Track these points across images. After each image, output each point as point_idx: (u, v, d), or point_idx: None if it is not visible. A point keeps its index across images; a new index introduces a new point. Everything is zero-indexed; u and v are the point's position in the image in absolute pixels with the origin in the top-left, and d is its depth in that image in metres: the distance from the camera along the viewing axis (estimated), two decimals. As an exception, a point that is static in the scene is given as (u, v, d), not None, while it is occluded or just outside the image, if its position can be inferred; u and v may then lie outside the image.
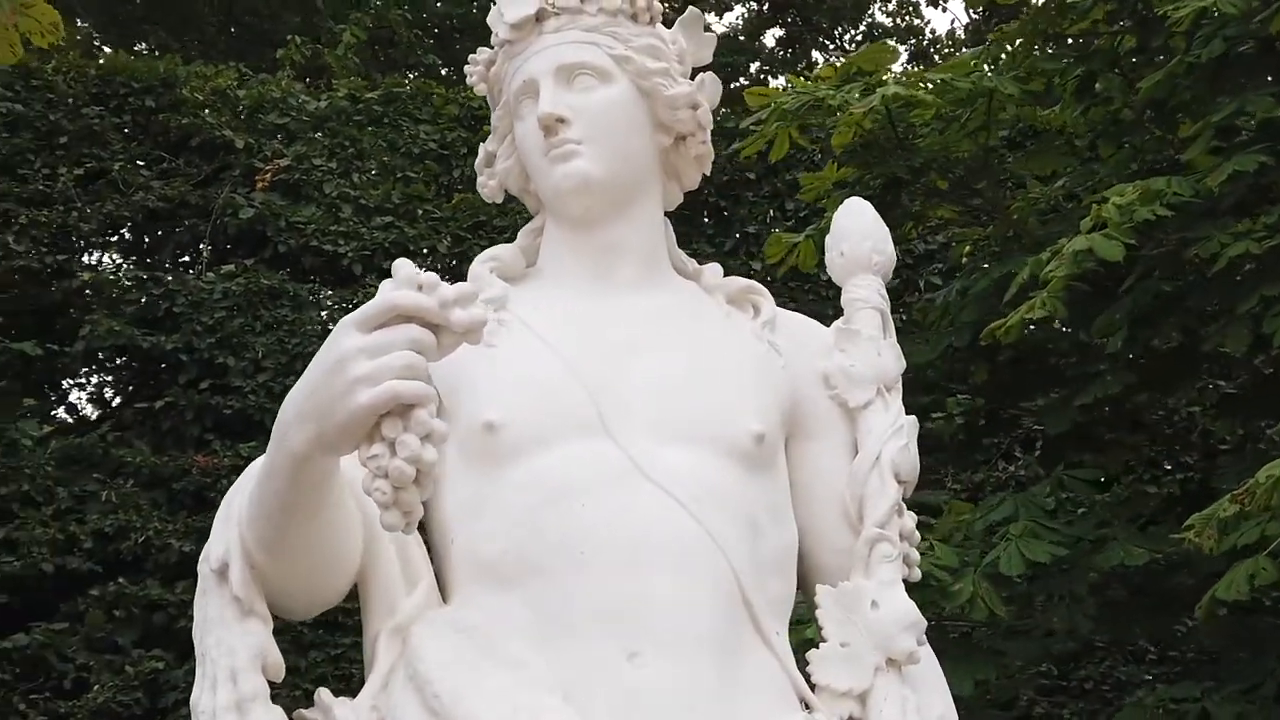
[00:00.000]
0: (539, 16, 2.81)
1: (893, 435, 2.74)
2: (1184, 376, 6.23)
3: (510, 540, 2.52)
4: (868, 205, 2.98)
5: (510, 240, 2.95)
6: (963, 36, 18.41)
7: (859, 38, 19.18)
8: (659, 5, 2.87)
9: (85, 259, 9.94)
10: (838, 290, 2.91)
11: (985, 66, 6.27)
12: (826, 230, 6.65)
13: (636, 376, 2.64)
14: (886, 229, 2.95)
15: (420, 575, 2.56)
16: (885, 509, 2.68)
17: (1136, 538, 5.27)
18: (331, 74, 12.18)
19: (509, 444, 2.56)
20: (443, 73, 14.71)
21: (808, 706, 2.54)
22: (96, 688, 8.54)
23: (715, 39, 2.98)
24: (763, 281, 3.01)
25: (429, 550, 2.65)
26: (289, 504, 2.30)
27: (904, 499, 2.74)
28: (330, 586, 2.50)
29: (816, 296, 10.46)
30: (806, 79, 6.20)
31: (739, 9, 19.32)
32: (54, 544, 8.88)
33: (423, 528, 2.68)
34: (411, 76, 13.32)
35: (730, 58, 17.05)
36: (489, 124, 2.95)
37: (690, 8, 2.97)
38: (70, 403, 10.29)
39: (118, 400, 10.19)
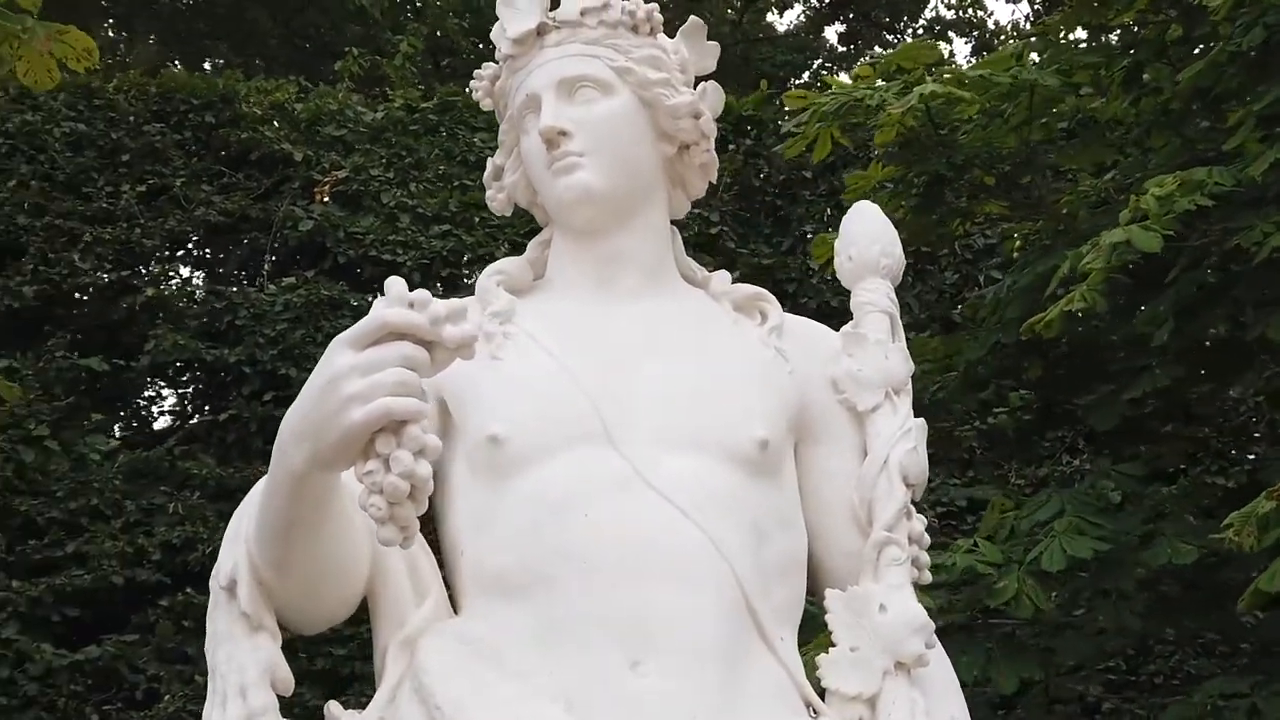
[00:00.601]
0: (540, 31, 2.84)
1: (900, 438, 2.75)
2: (1237, 367, 6.16)
3: (515, 551, 2.54)
4: (876, 209, 2.98)
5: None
6: (1028, 27, 18.26)
7: (920, 31, 19.09)
8: (659, 16, 2.89)
9: (149, 275, 10.06)
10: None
11: (1031, 59, 6.23)
12: (873, 229, 6.69)
13: (640, 384, 2.66)
14: (894, 232, 2.96)
15: (429, 587, 2.59)
16: (893, 512, 2.68)
17: (1186, 534, 5.21)
18: (390, 85, 12.29)
19: (513, 456, 2.59)
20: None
21: (814, 712, 2.55)
22: (167, 698, 8.67)
23: (718, 48, 3.00)
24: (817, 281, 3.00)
25: (440, 562, 2.68)
26: (291, 521, 2.34)
27: (913, 502, 2.74)
28: (338, 600, 2.54)
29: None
30: (846, 79, 6.20)
31: (799, 6, 19.29)
32: (123, 557, 9.02)
33: (434, 540, 2.72)
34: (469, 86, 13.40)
35: (790, 55, 17.04)
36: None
37: (692, 17, 2.99)
38: (137, 417, 10.43)
39: (184, 414, 10.34)
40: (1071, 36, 6.75)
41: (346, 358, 2.16)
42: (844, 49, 19.14)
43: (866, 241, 2.92)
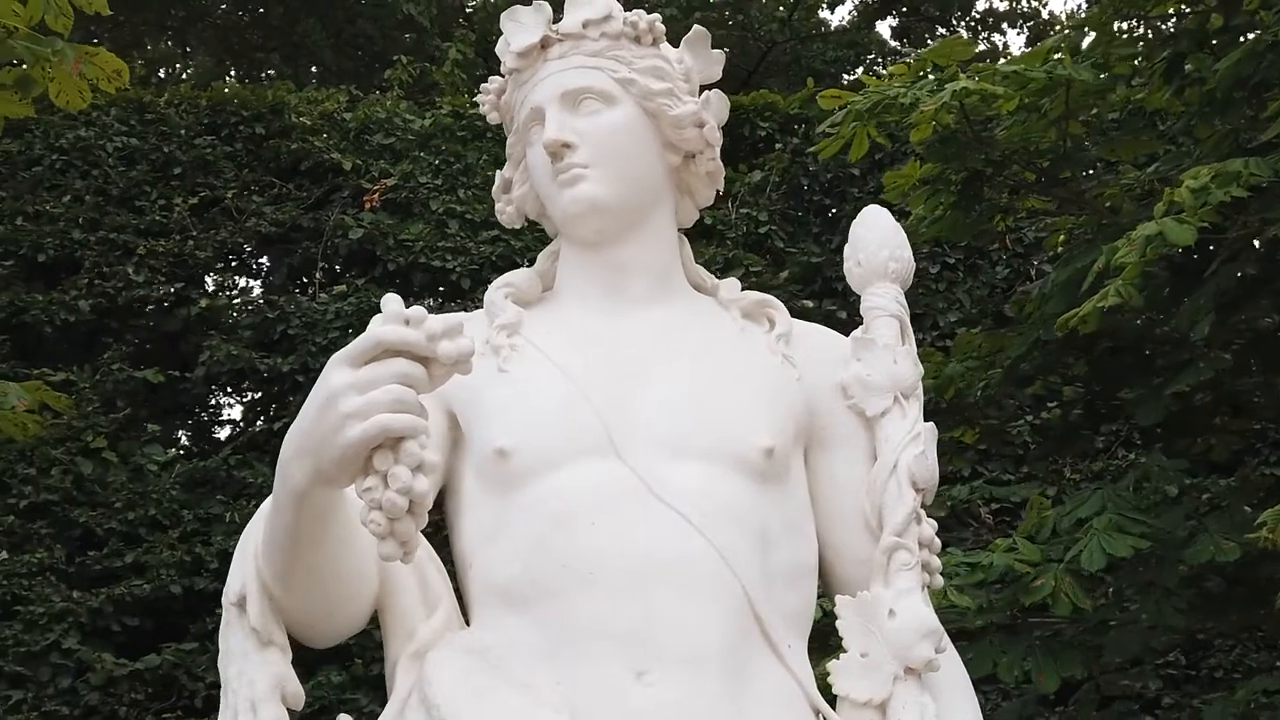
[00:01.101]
0: (544, 44, 2.85)
1: (910, 443, 2.74)
2: (1284, 358, 6.10)
3: (522, 563, 2.56)
4: (884, 213, 2.97)
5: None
6: (1084, 17, 18.08)
7: (974, 24, 18.97)
8: (661, 27, 2.90)
9: (202, 286, 10.18)
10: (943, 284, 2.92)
11: (1068, 53, 6.18)
12: (912, 227, 6.67)
13: (645, 394, 2.67)
14: (904, 237, 2.94)
15: (439, 599, 2.61)
16: (903, 517, 2.68)
17: (1231, 530, 5.16)
18: (440, 91, 12.35)
19: (519, 469, 2.60)
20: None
21: (821, 717, 2.55)
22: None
23: (723, 56, 3.00)
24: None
25: (453, 574, 2.70)
26: (296, 537, 2.36)
27: (923, 506, 2.73)
28: (348, 614, 2.56)
29: (926, 290, 10.42)
30: (879, 77, 6.18)
31: (850, 2, 19.23)
32: (181, 566, 9.14)
33: (448, 553, 2.75)
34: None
35: (841, 52, 16.99)
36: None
37: (696, 27, 2.99)
38: (193, 427, 10.55)
39: (239, 423, 10.45)
40: (1115, 28, 6.69)
41: (344, 375, 2.18)
42: (896, 44, 19.05)
43: (875, 246, 2.91)
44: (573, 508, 2.55)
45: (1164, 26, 6.83)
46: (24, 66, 4.52)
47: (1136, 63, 6.18)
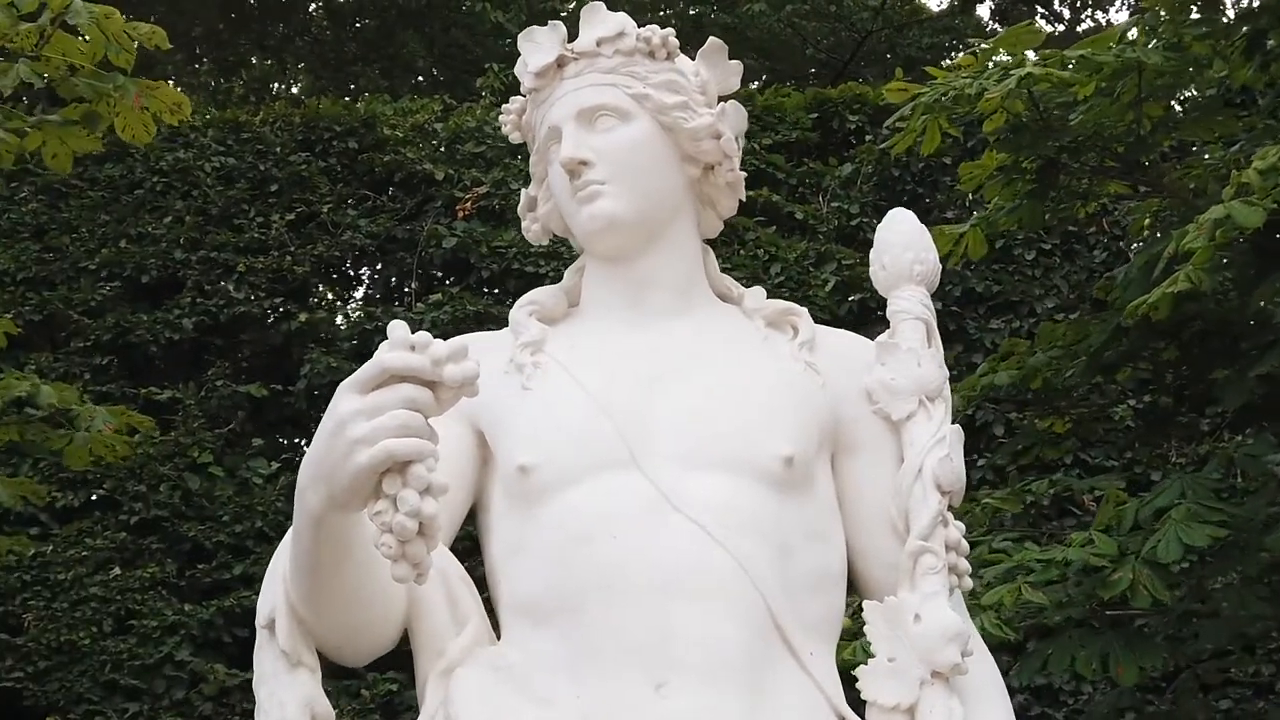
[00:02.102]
0: (560, 63, 2.88)
1: (934, 446, 2.73)
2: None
3: (543, 578, 2.60)
4: (909, 215, 2.96)
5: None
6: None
7: (1076, 4, 18.71)
8: (674, 41, 2.92)
9: (302, 301, 10.34)
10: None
11: (1143, 35, 6.09)
12: (990, 217, 6.60)
13: (666, 406, 2.69)
14: (929, 237, 2.94)
15: (469, 617, 2.64)
16: (928, 520, 2.67)
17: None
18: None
19: (541, 485, 2.64)
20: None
21: (845, 724, 2.56)
22: (335, 712, 8.89)
23: (740, 67, 3.02)
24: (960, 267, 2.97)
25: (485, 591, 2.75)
26: (317, 561, 2.41)
27: (950, 509, 2.73)
28: (376, 634, 2.60)
29: (1023, 277, 10.32)
30: (948, 69, 6.13)
31: (948, -15, 19.03)
32: (289, 577, 9.28)
33: (480, 570, 2.79)
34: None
35: (937, 38, 16.85)
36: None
37: (711, 38, 3.01)
38: (297, 440, 10.73)
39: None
40: (1190, 8, 6.58)
41: (352, 403, 2.23)
42: (998, 27, 18.83)
43: (899, 249, 2.90)
44: (593, 522, 2.58)
45: (1244, 3, 6.72)
46: (89, 103, 4.66)
47: (1215, 43, 6.07)
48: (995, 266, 10.30)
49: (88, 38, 4.56)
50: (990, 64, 6.06)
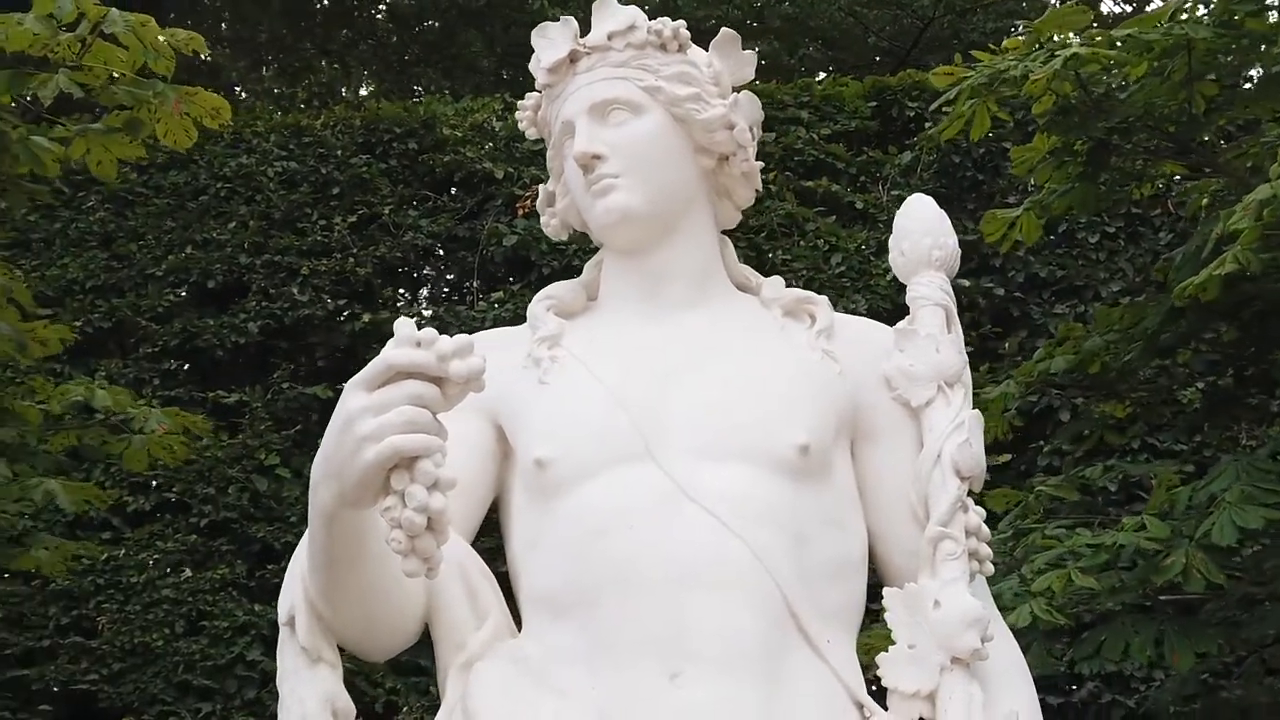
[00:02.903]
0: (572, 58, 2.89)
1: (953, 431, 2.72)
2: None
3: (561, 571, 2.62)
4: (928, 200, 2.96)
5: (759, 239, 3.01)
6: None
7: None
8: (686, 33, 2.92)
9: (365, 302, 10.41)
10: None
11: (1193, 13, 6.01)
12: (1043, 201, 6.54)
13: (680, 398, 2.70)
14: (948, 223, 2.92)
15: (489, 610, 2.66)
16: (946, 506, 2.67)
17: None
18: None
19: (558, 478, 2.66)
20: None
21: (867, 713, 2.55)
22: (405, 710, 8.99)
23: (754, 57, 3.01)
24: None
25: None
26: (332, 558, 2.44)
27: (971, 494, 2.72)
28: (397, 629, 2.62)
29: (1087, 260, 10.21)
30: (994, 52, 6.08)
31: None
32: (357, 575, 9.36)
33: (502, 563, 2.81)
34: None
35: (1000, 22, 16.70)
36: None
37: (724, 29, 3.01)
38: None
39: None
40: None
41: (359, 400, 2.25)
42: (1059, 5, 18.62)
43: (918, 235, 2.89)
44: (609, 515, 2.59)
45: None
46: (131, 110, 4.72)
47: (1270, 17, 5.98)
48: (1059, 251, 10.21)
49: (127, 46, 4.62)
50: (1037, 46, 6.01)
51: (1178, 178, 7.89)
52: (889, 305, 9.85)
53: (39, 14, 4.49)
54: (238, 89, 16.44)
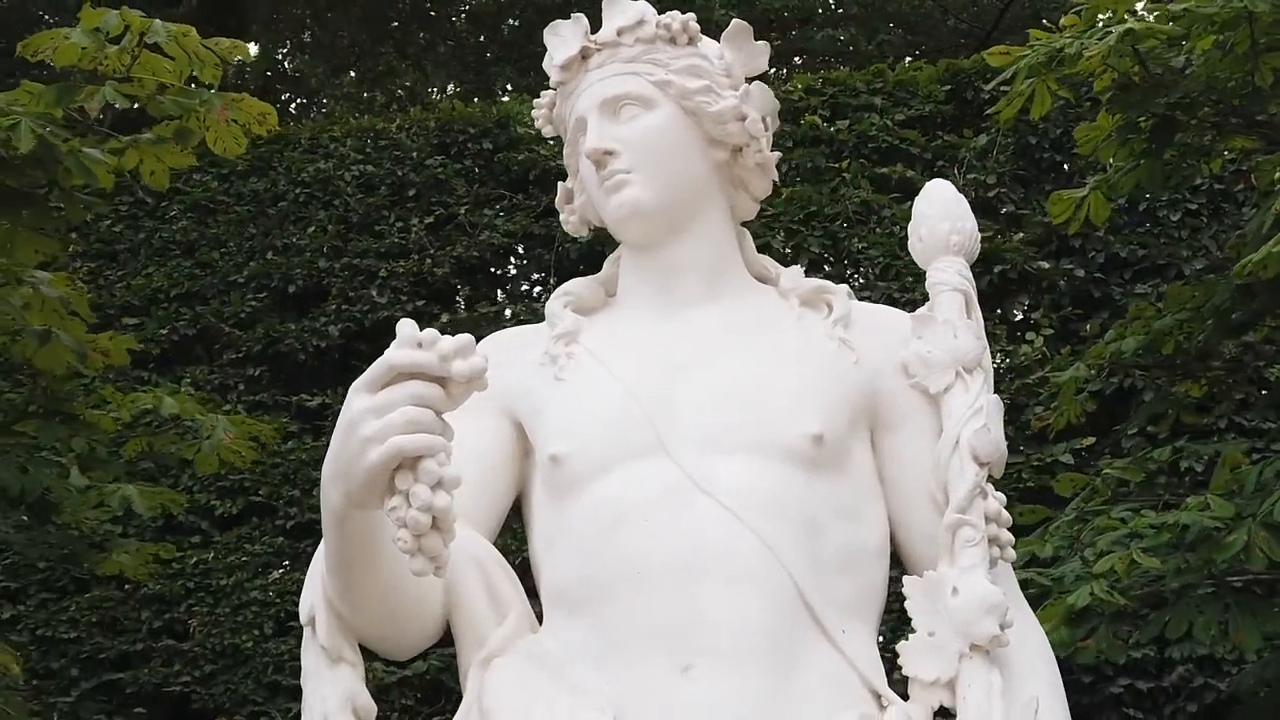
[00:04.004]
0: (584, 55, 2.91)
1: (971, 417, 2.71)
2: None
3: (577, 567, 2.63)
4: (946, 185, 2.94)
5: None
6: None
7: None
8: (695, 25, 2.91)
9: (443, 302, 10.49)
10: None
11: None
12: (1110, 181, 6.45)
13: (693, 391, 2.70)
14: (966, 207, 2.90)
15: (510, 606, 2.68)
16: (965, 492, 2.65)
17: None
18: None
19: (573, 474, 2.67)
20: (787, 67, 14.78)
21: (884, 702, 2.54)
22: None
23: (767, 48, 3.00)
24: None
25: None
26: (347, 558, 2.47)
27: (991, 480, 2.70)
28: (417, 626, 2.65)
29: (1169, 239, 10.06)
30: (1050, 30, 6.01)
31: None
32: (442, 573, 9.45)
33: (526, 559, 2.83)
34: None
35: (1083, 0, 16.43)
36: (814, 113, 3.01)
37: (735, 20, 3.00)
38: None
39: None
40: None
41: (362, 401, 2.28)
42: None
43: (936, 220, 2.88)
44: (623, 509, 2.60)
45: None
46: (180, 119, 4.80)
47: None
48: (1140, 230, 10.05)
49: (173, 57, 4.69)
50: (1097, 22, 5.94)
51: (1250, 152, 7.75)
52: (966, 290, 9.76)
53: (86, 28, 4.58)
54: (319, 96, 16.62)
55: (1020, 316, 10.05)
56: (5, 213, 4.66)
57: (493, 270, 10.85)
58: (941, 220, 2.87)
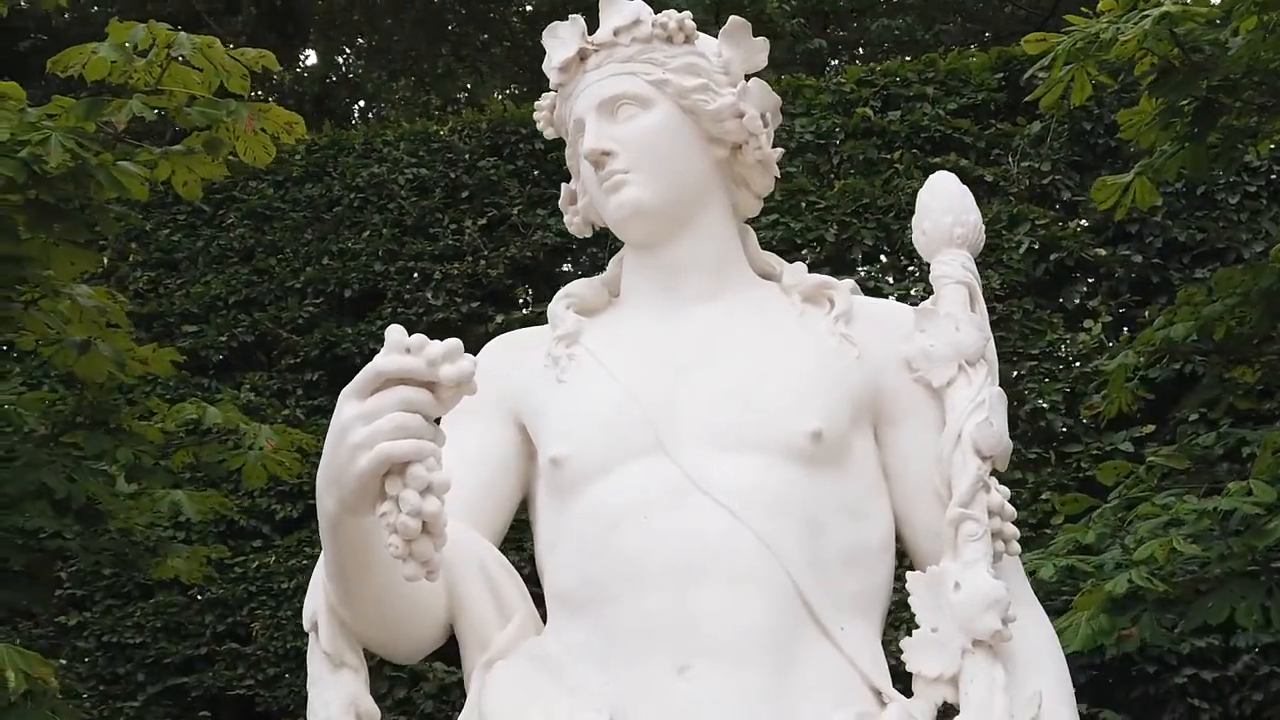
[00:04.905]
0: (581, 56, 2.90)
1: (973, 411, 2.68)
2: None
3: (578, 569, 2.64)
4: (950, 177, 2.91)
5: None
6: None
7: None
8: (691, 24, 2.90)
9: (498, 303, 10.52)
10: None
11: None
12: (1155, 165, 6.37)
13: (693, 390, 2.70)
14: (970, 199, 2.88)
15: (514, 609, 2.69)
16: (967, 487, 2.63)
17: None
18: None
19: (573, 476, 2.68)
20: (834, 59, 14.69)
21: (885, 699, 2.53)
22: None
23: (766, 43, 2.99)
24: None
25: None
26: (345, 564, 2.48)
27: (995, 474, 2.67)
28: (421, 630, 2.65)
29: (1229, 222, 9.93)
30: (1088, 16, 5.94)
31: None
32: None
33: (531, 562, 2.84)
34: (779, 75, 13.29)
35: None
36: (865, 105, 2.99)
37: (733, 17, 2.99)
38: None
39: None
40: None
41: (351, 408, 2.29)
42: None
43: (939, 213, 2.85)
44: (622, 510, 2.60)
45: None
46: (210, 130, 4.84)
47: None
48: (1199, 213, 9.92)
49: (200, 69, 4.74)
50: (1136, 6, 5.87)
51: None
52: (1022, 279, 9.70)
53: (114, 42, 4.63)
54: (376, 101, 16.72)
55: (1078, 304, 9.94)
56: (39, 226, 4.74)
57: (546, 270, 10.88)
58: (945, 213, 2.85)
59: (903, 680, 2.64)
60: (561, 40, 2.93)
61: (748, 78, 2.95)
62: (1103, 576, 5.02)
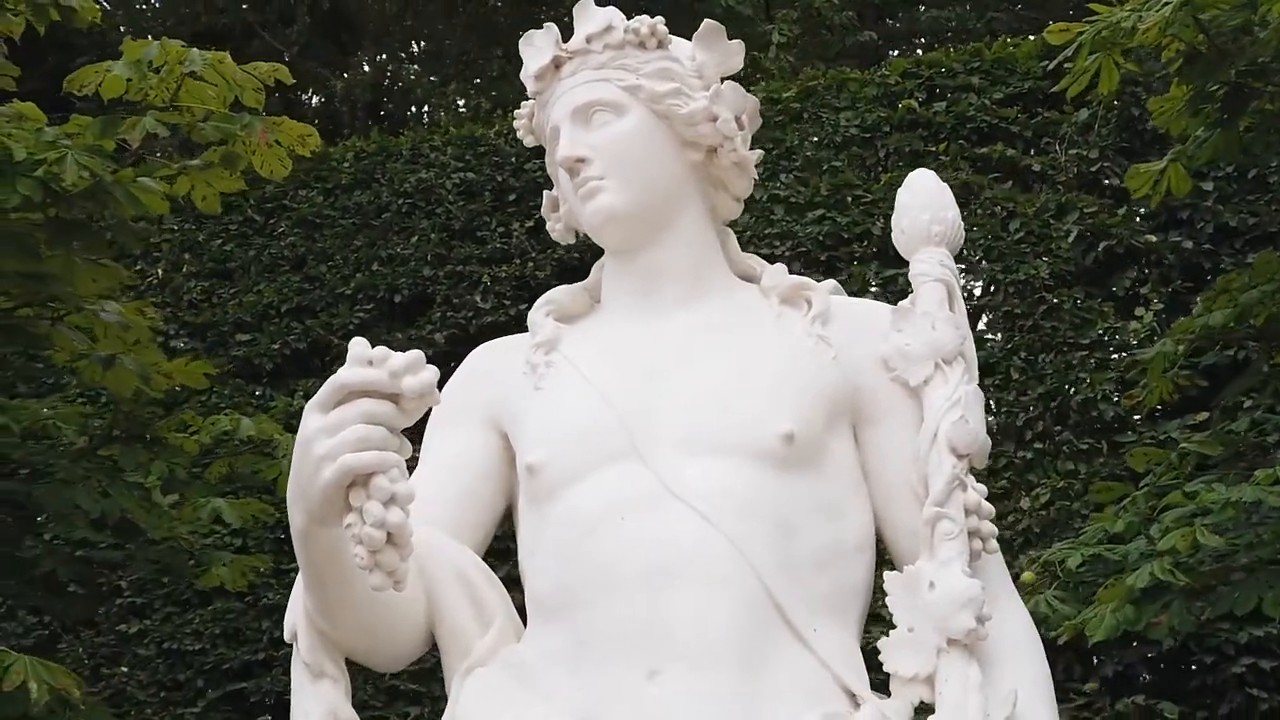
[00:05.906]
0: (556, 64, 2.92)
1: (948, 409, 2.68)
2: None
3: (554, 576, 2.65)
4: (929, 175, 2.91)
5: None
6: None
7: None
8: (664, 29, 2.91)
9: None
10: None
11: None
12: (1189, 152, 6.31)
13: (667, 395, 2.71)
14: (948, 196, 2.87)
15: (494, 616, 2.70)
16: (942, 485, 2.63)
17: None
18: (770, 76, 12.37)
19: (549, 482, 2.69)
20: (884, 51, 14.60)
21: (858, 700, 2.53)
22: None
23: (741, 46, 2.99)
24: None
25: None
26: (318, 575, 2.50)
27: (972, 472, 2.67)
28: (401, 639, 2.66)
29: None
30: (1110, 4, 5.89)
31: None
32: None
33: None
34: (826, 68, 13.21)
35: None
36: (910, 97, 3.00)
37: (706, 20, 3.00)
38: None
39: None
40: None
41: (315, 421, 2.32)
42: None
43: (917, 211, 2.85)
44: (596, 515, 2.62)
45: None
46: (226, 144, 4.90)
47: None
48: (1250, 197, 9.78)
49: (214, 84, 4.80)
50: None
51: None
52: (1071, 268, 9.60)
53: (129, 60, 4.69)
54: (429, 106, 16.80)
55: (1129, 291, 9.84)
56: (59, 244, 4.81)
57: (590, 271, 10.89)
58: (923, 211, 2.84)
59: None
60: (537, 48, 2.95)
61: (748, 84, 2.94)
62: (1128, 566, 4.98)
